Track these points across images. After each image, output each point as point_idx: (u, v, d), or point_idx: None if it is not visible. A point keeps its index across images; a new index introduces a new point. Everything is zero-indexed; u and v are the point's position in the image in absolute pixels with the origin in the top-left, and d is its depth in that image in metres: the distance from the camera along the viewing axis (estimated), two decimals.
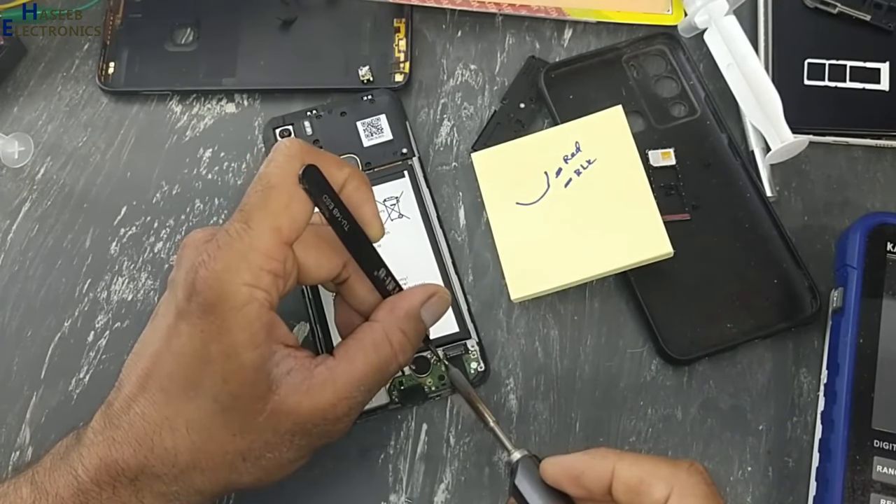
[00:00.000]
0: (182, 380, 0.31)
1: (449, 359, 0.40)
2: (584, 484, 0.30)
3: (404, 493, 0.38)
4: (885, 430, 0.36)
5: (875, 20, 0.46)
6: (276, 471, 0.33)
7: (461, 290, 0.41)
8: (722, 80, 0.45)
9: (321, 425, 0.32)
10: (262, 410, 0.31)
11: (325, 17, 0.48)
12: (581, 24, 0.48)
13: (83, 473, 0.31)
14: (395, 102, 0.45)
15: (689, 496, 0.29)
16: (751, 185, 0.43)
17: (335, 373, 0.32)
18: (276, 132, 0.45)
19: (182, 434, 0.31)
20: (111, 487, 0.31)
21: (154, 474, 0.31)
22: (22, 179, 0.46)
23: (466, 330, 0.40)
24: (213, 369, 0.30)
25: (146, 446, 0.31)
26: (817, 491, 0.37)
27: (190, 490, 0.31)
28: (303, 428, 0.32)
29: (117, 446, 0.31)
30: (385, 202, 0.43)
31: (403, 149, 0.44)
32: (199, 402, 0.31)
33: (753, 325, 0.40)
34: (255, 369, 0.31)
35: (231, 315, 0.30)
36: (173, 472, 0.31)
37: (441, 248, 0.42)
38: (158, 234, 0.44)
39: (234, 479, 0.32)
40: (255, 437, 0.31)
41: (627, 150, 0.42)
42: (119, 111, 0.47)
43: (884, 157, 0.45)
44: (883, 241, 0.39)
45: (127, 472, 0.31)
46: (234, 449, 0.31)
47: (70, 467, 0.31)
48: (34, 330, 0.42)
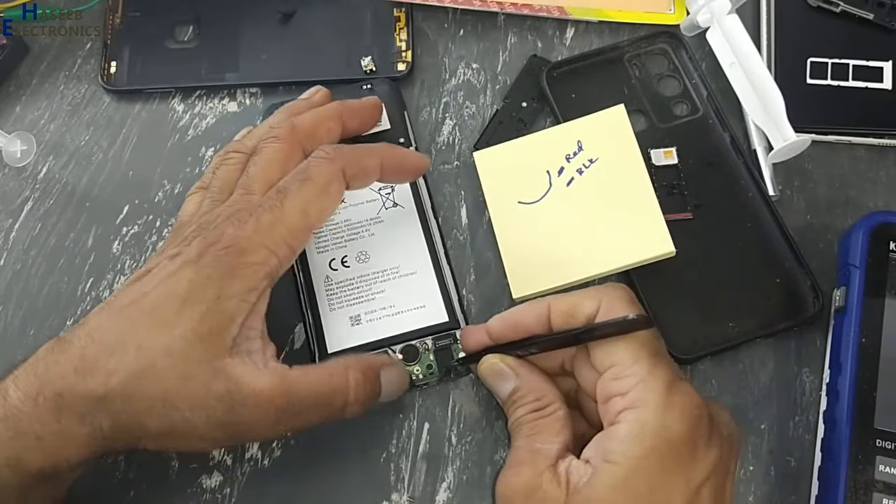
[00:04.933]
0: (161, 315, 0.32)
1: (438, 348, 0.40)
2: (524, 327, 0.35)
3: (406, 493, 0.39)
4: (887, 429, 0.35)
5: (878, 19, 0.46)
6: (178, 435, 0.32)
7: (452, 280, 0.41)
8: (724, 79, 0.45)
9: (247, 408, 0.32)
10: (210, 361, 0.32)
11: (325, 9, 0.48)
12: (583, 24, 0.48)
13: (13, 392, 0.31)
14: (394, 92, 0.45)
15: (616, 301, 0.33)
16: (753, 184, 0.43)
17: (286, 373, 0.33)
18: None
19: (129, 357, 0.31)
20: (33, 402, 0.31)
21: (81, 394, 0.31)
22: (24, 178, 0.46)
23: (456, 320, 0.40)
24: (197, 309, 0.31)
25: (88, 367, 0.31)
26: (819, 490, 0.37)
27: (105, 414, 0.31)
28: (230, 400, 0.32)
29: (58, 366, 0.31)
30: (380, 191, 0.43)
31: (401, 138, 0.44)
32: (164, 335, 0.31)
33: (756, 324, 0.40)
34: (230, 320, 0.32)
35: (243, 265, 0.32)
36: (101, 391, 0.31)
37: (434, 238, 0.42)
38: (161, 233, 0.44)
39: (144, 421, 0.32)
40: (186, 385, 0.31)
41: (629, 149, 0.42)
42: (121, 110, 0.47)
43: (886, 156, 0.45)
44: (885, 240, 0.39)
45: (56, 389, 0.31)
46: (164, 387, 0.31)
47: (1, 388, 0.31)
48: (36, 329, 0.42)
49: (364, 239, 0.42)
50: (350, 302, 0.41)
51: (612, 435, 0.31)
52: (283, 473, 0.39)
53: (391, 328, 0.40)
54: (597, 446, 0.32)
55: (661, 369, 0.31)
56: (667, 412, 0.30)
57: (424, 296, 0.41)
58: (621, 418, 0.31)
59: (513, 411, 0.35)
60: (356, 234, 0.42)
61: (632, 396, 0.31)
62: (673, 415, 0.30)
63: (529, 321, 0.35)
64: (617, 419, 0.31)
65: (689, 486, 0.30)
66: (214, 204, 0.36)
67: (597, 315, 0.33)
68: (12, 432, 0.31)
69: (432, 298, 0.40)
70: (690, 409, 0.31)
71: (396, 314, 0.40)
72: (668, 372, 0.32)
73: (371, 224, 0.42)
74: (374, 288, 0.41)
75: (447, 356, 0.40)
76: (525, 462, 0.32)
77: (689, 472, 0.30)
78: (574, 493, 0.30)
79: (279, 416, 0.33)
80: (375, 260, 0.41)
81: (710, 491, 0.30)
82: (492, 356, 0.36)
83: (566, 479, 0.31)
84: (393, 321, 0.40)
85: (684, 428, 0.30)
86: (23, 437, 0.31)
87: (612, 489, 0.30)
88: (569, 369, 0.36)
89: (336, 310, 0.40)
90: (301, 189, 0.35)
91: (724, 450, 0.31)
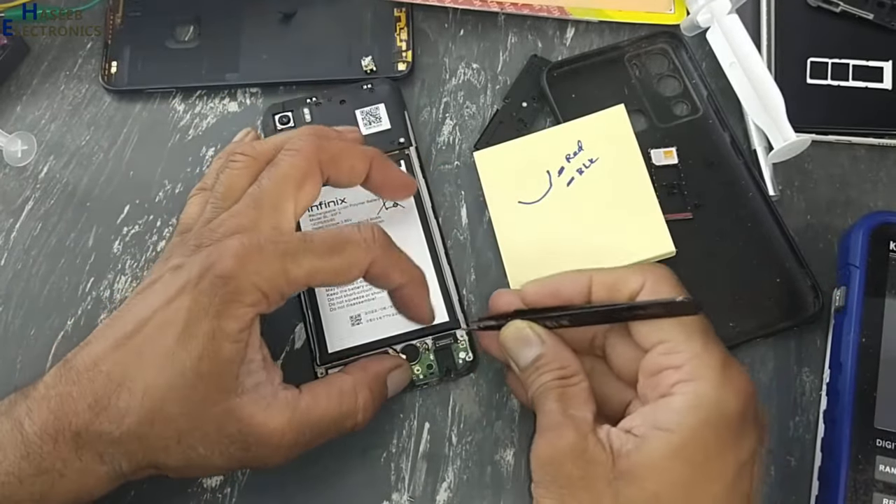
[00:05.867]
0: (162, 347, 0.31)
1: (438, 348, 0.40)
2: (564, 295, 0.34)
3: (406, 492, 0.39)
4: (887, 429, 0.35)
5: (878, 19, 0.46)
6: (197, 468, 0.33)
7: (452, 280, 0.41)
8: (724, 79, 0.45)
9: (261, 446, 0.32)
10: (218, 402, 0.32)
11: (326, 9, 0.48)
12: (583, 24, 0.48)
13: (29, 426, 0.31)
14: (395, 92, 0.45)
15: (662, 280, 0.33)
16: (753, 184, 0.43)
17: (297, 403, 0.33)
18: (276, 118, 0.45)
19: (138, 398, 0.31)
20: (53, 441, 0.31)
21: (98, 432, 0.31)
22: (25, 178, 0.46)
23: (456, 320, 0.40)
24: (195, 344, 0.31)
25: (101, 404, 0.31)
26: (819, 490, 0.37)
27: (123, 455, 0.32)
28: (244, 440, 0.32)
29: (72, 401, 0.31)
30: None
31: (401, 138, 0.44)
32: (167, 372, 0.31)
33: (756, 324, 0.40)
34: (229, 362, 0.32)
35: (236, 304, 0.32)
36: (116, 434, 0.31)
37: (434, 238, 0.42)
38: (161, 232, 0.44)
39: (161, 458, 0.32)
40: (198, 425, 0.32)
41: (630, 149, 0.42)
42: (122, 110, 0.47)
43: (887, 156, 0.45)
44: (886, 240, 0.39)
45: (73, 427, 0.31)
46: (176, 427, 0.32)
47: (15, 420, 0.31)
48: (37, 328, 0.42)
49: None
50: (350, 302, 0.41)
51: (666, 405, 0.31)
52: (283, 473, 0.39)
53: (391, 328, 0.40)
54: (644, 417, 0.31)
55: (715, 346, 0.31)
56: (723, 387, 0.30)
57: None
58: (676, 390, 0.31)
59: (536, 377, 0.34)
60: None
61: (687, 369, 0.31)
62: (729, 391, 0.30)
63: (569, 291, 0.34)
64: (671, 391, 0.31)
65: (738, 460, 0.30)
66: (217, 210, 0.35)
67: (640, 293, 0.33)
68: (35, 469, 0.31)
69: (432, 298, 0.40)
70: (745, 387, 0.31)
71: (397, 314, 0.40)
72: (722, 350, 0.32)
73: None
74: (374, 288, 0.41)
75: (447, 356, 0.40)
76: (565, 425, 0.31)
77: (738, 449, 0.30)
78: (621, 457, 0.30)
79: (292, 448, 0.33)
80: None
81: (749, 470, 0.31)
82: (519, 321, 0.35)
83: (609, 445, 0.31)
84: (393, 321, 0.40)
85: (738, 405, 0.30)
86: (47, 475, 0.31)
87: (666, 456, 0.30)
88: (599, 345, 0.35)
89: (336, 309, 0.40)
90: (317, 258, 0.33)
91: (762, 434, 0.32)
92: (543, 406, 0.33)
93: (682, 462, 0.30)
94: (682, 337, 0.31)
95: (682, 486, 0.30)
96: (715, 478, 0.30)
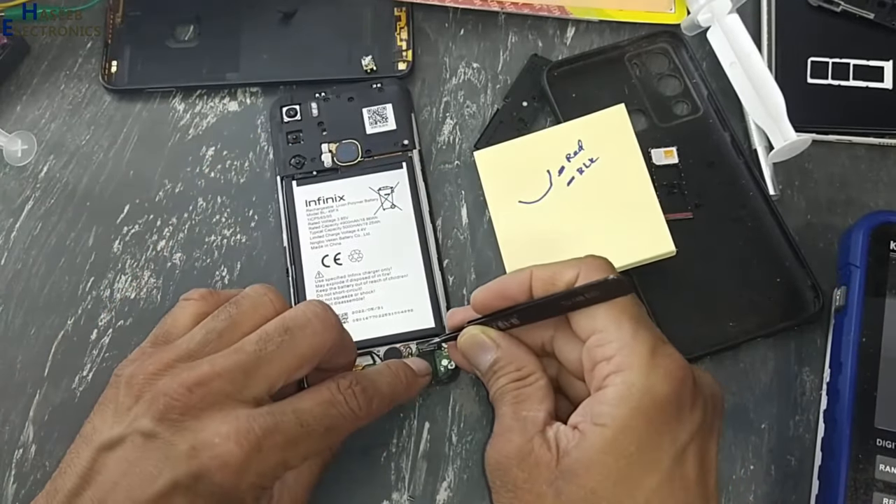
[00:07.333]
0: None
1: (421, 353, 0.40)
2: (509, 295, 0.34)
3: (406, 492, 0.39)
4: (887, 428, 0.36)
5: (879, 18, 0.46)
6: None
7: (442, 286, 0.41)
8: (725, 79, 0.45)
9: None
10: None
11: (326, 8, 0.48)
12: (584, 23, 0.48)
13: None
14: (404, 93, 0.45)
15: (595, 269, 0.33)
16: (753, 183, 0.43)
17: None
18: (283, 111, 0.45)
19: None
20: None
21: None
22: (25, 178, 0.46)
23: (442, 327, 0.40)
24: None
25: None
26: (820, 490, 0.37)
27: None
28: None
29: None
30: (379, 191, 0.43)
31: (405, 140, 0.44)
32: None
33: (756, 323, 0.40)
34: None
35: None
36: None
37: (428, 242, 0.42)
38: (161, 232, 0.44)
39: None
40: None
41: (630, 149, 0.42)
42: (122, 109, 0.47)
43: (887, 156, 0.45)
44: (886, 239, 0.39)
45: None
46: None
47: None
48: (37, 328, 0.42)
49: (359, 238, 0.42)
50: (339, 300, 0.41)
51: (600, 399, 0.31)
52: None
53: (377, 329, 0.40)
54: (584, 411, 0.32)
55: (645, 332, 0.32)
56: (652, 373, 0.30)
57: (413, 300, 0.41)
58: (608, 382, 0.31)
59: (494, 381, 0.34)
60: (351, 233, 0.42)
61: (617, 360, 0.31)
62: (658, 376, 0.30)
63: (513, 289, 0.34)
64: (604, 384, 0.31)
65: (675, 445, 0.30)
66: (208, 341, 0.32)
67: (576, 283, 0.33)
68: None
69: (420, 303, 0.40)
70: (675, 370, 0.31)
71: (384, 316, 0.40)
72: (652, 335, 0.32)
73: (367, 223, 0.42)
74: (364, 288, 0.41)
75: (429, 360, 0.39)
76: (514, 429, 0.32)
77: (675, 431, 0.30)
78: (564, 455, 0.31)
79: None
80: (368, 260, 0.41)
81: (695, 449, 0.31)
82: (472, 327, 0.35)
83: (555, 444, 0.31)
84: (379, 322, 0.40)
85: (670, 389, 0.30)
86: None
87: (601, 450, 0.30)
88: (549, 350, 0.35)
89: None
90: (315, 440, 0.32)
91: (709, 410, 0.32)
92: (498, 410, 0.34)
93: (616, 455, 0.30)
94: (612, 326, 0.32)
95: (617, 479, 0.30)
96: (650, 468, 0.30)
